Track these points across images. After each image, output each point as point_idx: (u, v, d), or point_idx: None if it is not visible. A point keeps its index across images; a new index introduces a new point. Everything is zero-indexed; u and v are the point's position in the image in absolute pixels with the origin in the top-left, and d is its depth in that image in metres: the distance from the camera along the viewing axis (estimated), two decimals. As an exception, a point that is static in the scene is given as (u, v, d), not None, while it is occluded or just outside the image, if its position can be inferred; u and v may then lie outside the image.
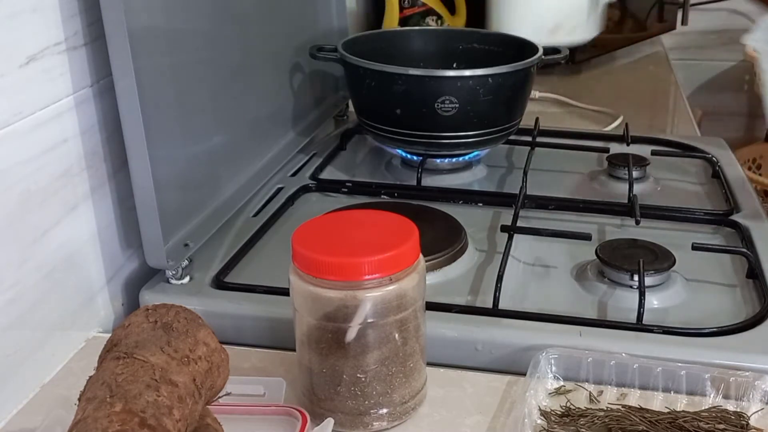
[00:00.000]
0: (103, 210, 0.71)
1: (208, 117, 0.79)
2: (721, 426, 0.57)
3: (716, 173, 0.98)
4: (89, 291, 0.70)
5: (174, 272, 0.73)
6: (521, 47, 0.98)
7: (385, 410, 0.58)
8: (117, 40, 0.64)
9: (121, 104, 0.66)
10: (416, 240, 0.57)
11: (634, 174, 0.93)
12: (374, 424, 0.58)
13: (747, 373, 0.60)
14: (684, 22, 1.62)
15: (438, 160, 0.98)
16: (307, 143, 1.04)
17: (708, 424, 0.57)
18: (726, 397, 0.60)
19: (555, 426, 0.57)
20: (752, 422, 0.57)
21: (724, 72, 2.11)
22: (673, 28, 1.69)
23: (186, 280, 0.74)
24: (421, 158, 0.96)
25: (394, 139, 0.96)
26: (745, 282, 0.75)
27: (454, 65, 1.04)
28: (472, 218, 0.85)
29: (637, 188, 0.91)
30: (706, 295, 0.73)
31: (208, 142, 0.79)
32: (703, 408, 0.59)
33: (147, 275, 0.74)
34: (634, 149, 1.01)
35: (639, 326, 0.66)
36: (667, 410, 0.59)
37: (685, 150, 1.05)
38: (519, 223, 0.80)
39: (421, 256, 0.58)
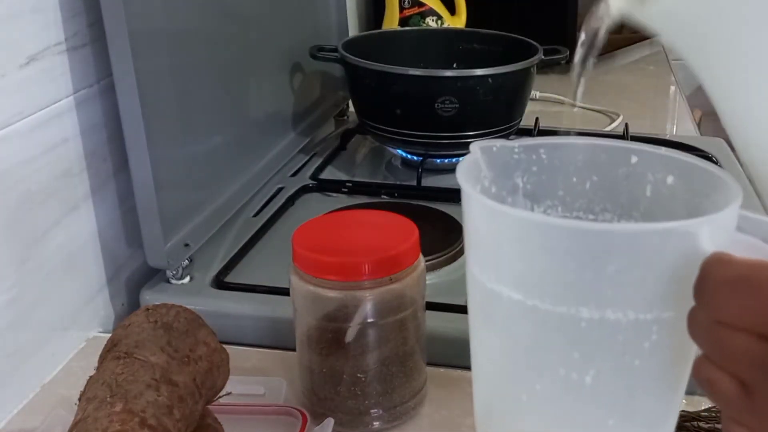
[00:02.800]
0: (104, 210, 0.71)
1: (208, 117, 0.79)
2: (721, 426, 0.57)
3: (716, 173, 0.98)
4: (89, 291, 0.70)
5: (174, 272, 0.73)
6: (521, 47, 0.98)
7: (385, 410, 0.58)
8: (118, 41, 0.64)
9: (121, 104, 0.66)
10: (416, 240, 0.57)
11: (634, 174, 0.93)
12: (374, 423, 0.58)
13: (747, 373, 0.60)
14: (684, 21, 1.62)
15: (438, 160, 0.98)
16: (307, 143, 1.03)
17: (708, 424, 0.57)
18: (726, 397, 0.60)
19: (555, 426, 0.57)
20: (752, 422, 0.57)
21: (724, 72, 2.10)
22: (673, 27, 1.68)
23: (186, 280, 0.74)
24: (421, 158, 0.96)
25: (394, 139, 0.96)
26: (745, 282, 0.74)
27: (454, 65, 1.04)
28: (472, 218, 0.84)
29: (637, 188, 0.91)
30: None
31: (209, 142, 0.79)
32: (703, 408, 0.59)
33: (147, 275, 0.74)
34: (634, 149, 1.01)
35: (639, 326, 0.66)
36: (666, 410, 0.59)
37: (685, 150, 1.04)
38: (519, 223, 0.80)
39: (421, 256, 0.58)
